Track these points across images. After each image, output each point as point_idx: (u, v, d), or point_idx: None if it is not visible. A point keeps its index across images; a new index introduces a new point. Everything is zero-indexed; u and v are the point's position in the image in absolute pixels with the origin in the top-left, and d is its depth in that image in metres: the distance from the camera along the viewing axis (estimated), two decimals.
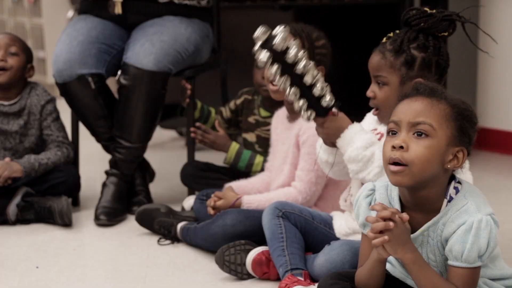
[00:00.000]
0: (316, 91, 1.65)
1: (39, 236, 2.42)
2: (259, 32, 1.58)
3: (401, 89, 1.75)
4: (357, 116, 1.92)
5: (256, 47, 1.58)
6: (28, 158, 2.57)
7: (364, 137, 1.77)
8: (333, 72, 2.27)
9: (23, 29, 5.29)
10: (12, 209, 2.51)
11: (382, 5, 3.10)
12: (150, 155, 2.79)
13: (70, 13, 4.95)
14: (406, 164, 1.45)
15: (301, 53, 1.60)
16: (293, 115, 2.19)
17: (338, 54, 2.40)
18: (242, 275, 2.01)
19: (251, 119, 2.57)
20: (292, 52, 1.59)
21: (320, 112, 1.70)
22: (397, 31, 1.85)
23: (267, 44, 1.58)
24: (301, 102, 1.65)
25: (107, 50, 2.60)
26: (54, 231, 2.47)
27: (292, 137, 2.17)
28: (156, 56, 2.51)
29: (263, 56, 1.58)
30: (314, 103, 1.67)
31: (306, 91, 1.64)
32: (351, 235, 1.94)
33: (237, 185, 2.29)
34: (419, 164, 1.45)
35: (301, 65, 1.61)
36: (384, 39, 1.86)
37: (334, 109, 1.72)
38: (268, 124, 2.49)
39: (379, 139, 1.84)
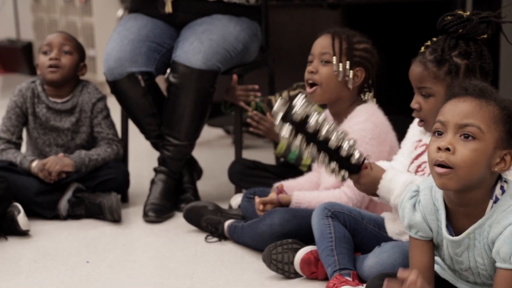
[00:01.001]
0: (343, 152, 1.64)
1: (89, 232, 2.46)
2: (278, 106, 1.59)
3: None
4: (408, 116, 1.90)
5: (277, 121, 1.59)
6: (78, 154, 2.62)
7: (401, 181, 1.74)
8: (382, 71, 2.25)
9: (74, 28, 5.38)
10: (63, 205, 2.56)
11: (433, 3, 3.06)
12: (197, 153, 2.80)
13: (120, 12, 5.02)
14: (452, 167, 1.43)
15: (321, 118, 1.60)
16: (338, 120, 2.18)
17: (387, 53, 2.38)
18: (290, 274, 2.01)
19: None
20: (312, 120, 1.59)
21: (352, 169, 1.69)
22: (434, 39, 1.82)
23: (288, 116, 1.59)
24: (332, 165, 1.65)
25: (156, 48, 2.63)
26: (104, 226, 2.51)
27: None
28: (205, 54, 2.53)
29: (286, 131, 1.59)
30: (344, 164, 1.66)
31: (333, 154, 1.64)
32: (405, 235, 1.91)
33: (285, 185, 2.28)
34: (466, 167, 1.43)
35: (323, 131, 1.61)
36: (422, 49, 1.83)
37: (365, 162, 1.71)
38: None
39: (424, 151, 1.82)
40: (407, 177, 1.76)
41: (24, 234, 2.40)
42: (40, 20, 6.09)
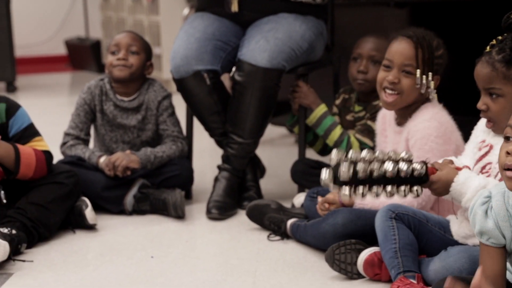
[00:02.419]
0: (403, 173, 1.61)
1: (153, 227, 2.50)
2: (325, 176, 1.57)
3: None
4: (475, 116, 1.86)
5: (332, 188, 1.58)
6: (144, 151, 2.66)
7: (473, 185, 1.70)
8: (451, 71, 2.20)
9: (141, 26, 5.47)
10: (129, 200, 2.61)
11: (504, 1, 2.97)
12: (260, 151, 2.81)
13: (186, 10, 5.08)
14: None
15: (366, 157, 1.57)
16: (402, 120, 2.15)
17: (456, 52, 2.33)
18: (352, 274, 1.99)
19: (349, 117, 2.57)
20: (360, 169, 1.57)
21: (420, 181, 1.65)
22: (499, 37, 1.76)
23: (337, 181, 1.57)
24: (401, 189, 1.62)
25: (222, 47, 2.65)
26: (168, 222, 2.54)
27: (402, 141, 2.13)
28: (271, 53, 2.53)
29: (345, 193, 1.57)
30: (411, 181, 1.63)
31: (397, 180, 1.61)
32: (471, 238, 1.87)
33: None
34: None
35: (375, 170, 1.58)
36: (488, 48, 1.77)
37: (429, 167, 1.68)
38: (363, 118, 2.47)
39: (488, 152, 1.77)
40: (480, 181, 1.71)
41: (91, 228, 2.45)
42: (109, 19, 6.22)
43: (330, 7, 2.82)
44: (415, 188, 1.64)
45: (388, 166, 1.59)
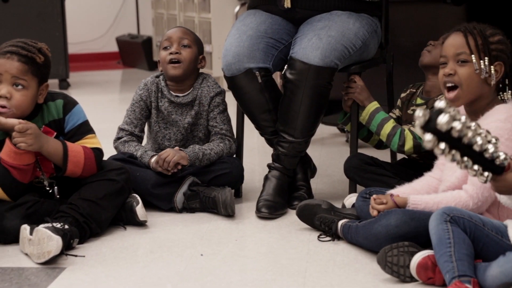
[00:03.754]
0: (488, 154, 1.57)
1: (203, 225, 2.50)
2: (418, 115, 1.53)
3: None
4: None
5: (418, 129, 1.54)
6: (192, 148, 2.66)
7: None
8: None
9: (192, 24, 5.50)
10: (179, 197, 2.61)
11: None
12: (310, 150, 2.78)
13: (237, 8, 5.08)
14: None
15: (463, 122, 1.53)
16: (472, 117, 2.09)
17: None
18: (405, 277, 1.95)
19: (409, 111, 2.54)
20: (456, 127, 1.52)
21: (496, 171, 1.61)
22: None
23: (430, 126, 1.53)
24: (475, 167, 1.58)
25: (274, 44, 2.63)
26: (218, 220, 2.54)
27: None
28: (323, 51, 2.50)
29: (428, 140, 1.53)
30: (488, 166, 1.59)
31: (477, 157, 1.57)
32: None
33: (398, 191, 2.21)
34: None
35: (467, 136, 1.54)
36: None
37: (510, 162, 1.63)
38: None
39: None
40: None
41: (141, 224, 2.47)
42: (160, 16, 6.26)
43: (385, 4, 2.77)
44: (486, 173, 1.60)
45: (479, 140, 1.55)
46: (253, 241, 2.40)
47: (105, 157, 2.51)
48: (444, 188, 2.12)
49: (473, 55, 2.05)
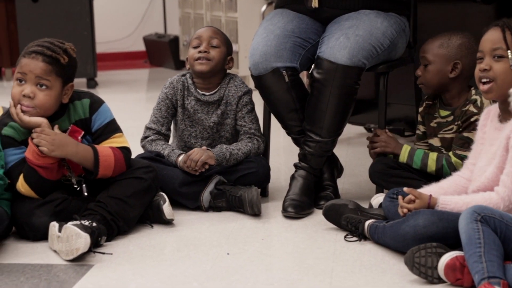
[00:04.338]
0: None
1: (229, 224, 2.50)
2: None
3: None
4: None
5: None
6: (220, 148, 2.67)
7: None
8: None
9: (218, 23, 5.51)
10: (205, 196, 2.61)
11: None
12: (336, 150, 2.77)
13: (264, 7, 5.08)
14: None
15: None
16: (506, 115, 2.07)
17: None
18: (433, 278, 1.94)
19: (433, 124, 2.50)
20: None
21: None
22: None
23: None
24: None
25: (301, 44, 2.62)
26: (244, 219, 2.54)
27: (502, 139, 2.04)
28: (351, 50, 2.49)
29: None
30: None
31: None
32: None
33: (426, 191, 2.19)
34: None
35: None
36: None
37: None
38: (449, 123, 2.40)
39: None
40: None
41: (168, 223, 2.48)
42: (187, 16, 6.29)
43: (413, 3, 2.75)
44: None
45: None
46: (279, 241, 2.39)
47: (132, 156, 2.52)
48: (473, 189, 2.10)
49: (509, 51, 2.03)
